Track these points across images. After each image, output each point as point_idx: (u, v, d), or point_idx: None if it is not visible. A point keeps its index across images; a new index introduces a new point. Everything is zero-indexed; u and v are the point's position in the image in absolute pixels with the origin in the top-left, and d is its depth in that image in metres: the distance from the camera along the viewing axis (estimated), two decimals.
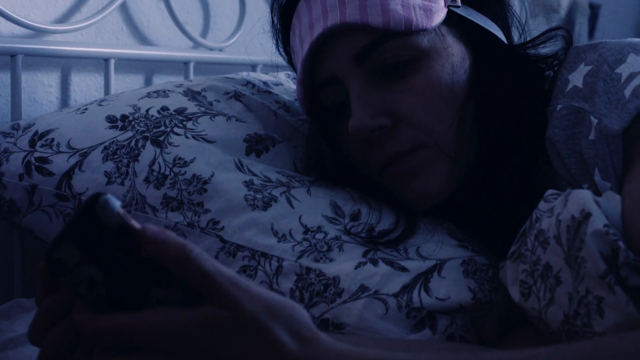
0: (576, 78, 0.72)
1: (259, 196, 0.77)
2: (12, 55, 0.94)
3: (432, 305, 0.70)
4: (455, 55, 0.78)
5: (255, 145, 0.84)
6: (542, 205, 0.66)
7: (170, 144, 0.81)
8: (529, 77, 0.79)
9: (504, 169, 0.75)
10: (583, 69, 0.72)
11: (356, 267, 0.72)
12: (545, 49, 0.81)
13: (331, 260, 0.73)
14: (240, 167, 0.80)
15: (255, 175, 0.80)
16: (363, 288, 0.71)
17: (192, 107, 0.86)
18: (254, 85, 0.97)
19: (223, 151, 0.81)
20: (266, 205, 0.77)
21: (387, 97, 0.76)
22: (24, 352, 0.75)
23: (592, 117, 0.68)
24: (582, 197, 0.61)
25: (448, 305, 0.71)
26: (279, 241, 0.74)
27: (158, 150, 0.80)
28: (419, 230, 0.78)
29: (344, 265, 0.72)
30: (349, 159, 0.83)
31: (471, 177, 0.78)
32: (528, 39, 0.83)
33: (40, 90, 1.04)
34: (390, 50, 0.76)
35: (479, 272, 0.74)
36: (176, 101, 0.87)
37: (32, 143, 0.83)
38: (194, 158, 0.80)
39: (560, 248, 0.61)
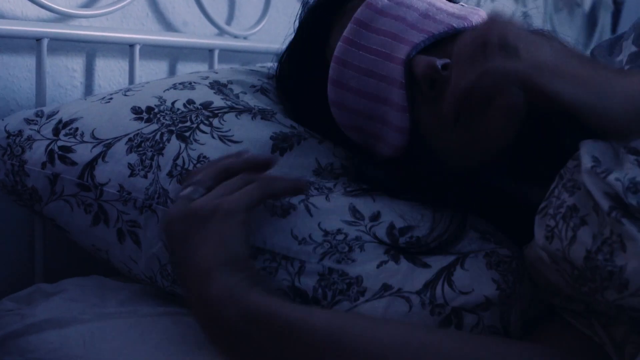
0: None
1: (277, 204, 0.77)
2: (38, 39, 0.94)
3: (456, 300, 0.70)
4: None
5: (281, 143, 0.83)
6: (570, 163, 0.66)
7: (195, 140, 0.80)
8: None
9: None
10: None
11: (378, 266, 0.72)
12: None
13: (353, 260, 0.73)
14: None
15: None
16: (386, 286, 0.71)
17: (218, 101, 0.85)
18: None
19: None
20: (285, 213, 0.76)
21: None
22: (45, 338, 0.76)
23: None
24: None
25: (473, 300, 0.70)
26: (299, 244, 0.74)
27: (183, 145, 0.80)
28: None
29: (367, 264, 0.72)
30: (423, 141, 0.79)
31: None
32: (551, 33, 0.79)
33: (65, 74, 1.04)
34: None
35: (502, 264, 0.73)
36: (202, 94, 0.87)
37: (56, 131, 0.83)
38: None
39: (591, 196, 0.61)
